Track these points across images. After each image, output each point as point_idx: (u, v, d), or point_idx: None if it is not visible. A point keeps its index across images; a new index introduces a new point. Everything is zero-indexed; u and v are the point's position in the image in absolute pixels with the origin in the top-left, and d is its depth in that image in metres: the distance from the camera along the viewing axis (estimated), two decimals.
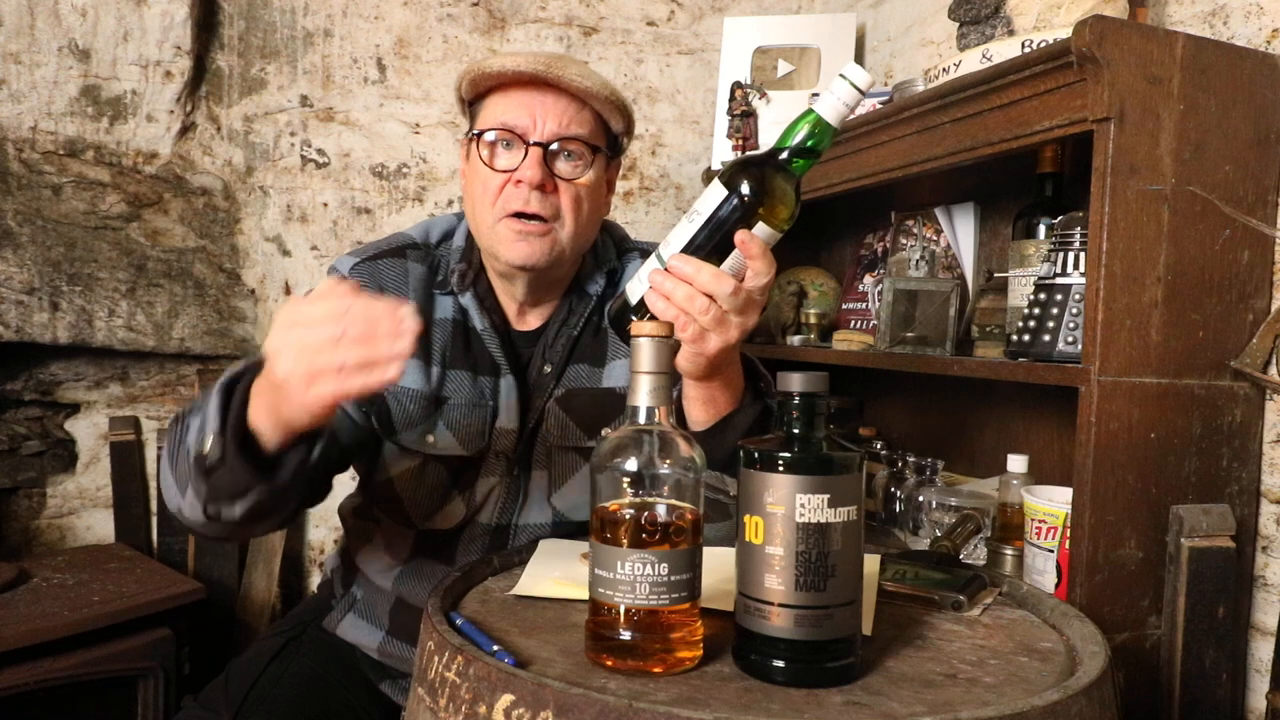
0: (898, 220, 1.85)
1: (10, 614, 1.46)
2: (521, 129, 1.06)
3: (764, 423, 1.02)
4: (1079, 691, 0.68)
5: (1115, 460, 1.11)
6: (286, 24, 2.10)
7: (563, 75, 1.04)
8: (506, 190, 1.06)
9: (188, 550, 2.02)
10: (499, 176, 1.06)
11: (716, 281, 0.84)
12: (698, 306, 0.84)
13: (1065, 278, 1.21)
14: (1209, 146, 1.14)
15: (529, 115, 1.06)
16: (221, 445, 0.84)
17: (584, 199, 1.09)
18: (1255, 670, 1.25)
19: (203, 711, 1.12)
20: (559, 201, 1.07)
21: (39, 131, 1.91)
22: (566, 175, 1.07)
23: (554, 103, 1.06)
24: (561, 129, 1.06)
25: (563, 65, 1.05)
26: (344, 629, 1.20)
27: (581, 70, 1.06)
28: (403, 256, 1.15)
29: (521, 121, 1.06)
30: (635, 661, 0.72)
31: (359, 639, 1.19)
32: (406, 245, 1.16)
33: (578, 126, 1.07)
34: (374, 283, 1.11)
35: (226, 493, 0.87)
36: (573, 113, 1.07)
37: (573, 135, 1.07)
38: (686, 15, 2.34)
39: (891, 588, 0.95)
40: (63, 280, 1.86)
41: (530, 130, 1.06)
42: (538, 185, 1.04)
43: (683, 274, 0.84)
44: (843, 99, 0.85)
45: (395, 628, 1.16)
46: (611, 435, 0.75)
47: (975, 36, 1.39)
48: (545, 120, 1.06)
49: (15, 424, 1.92)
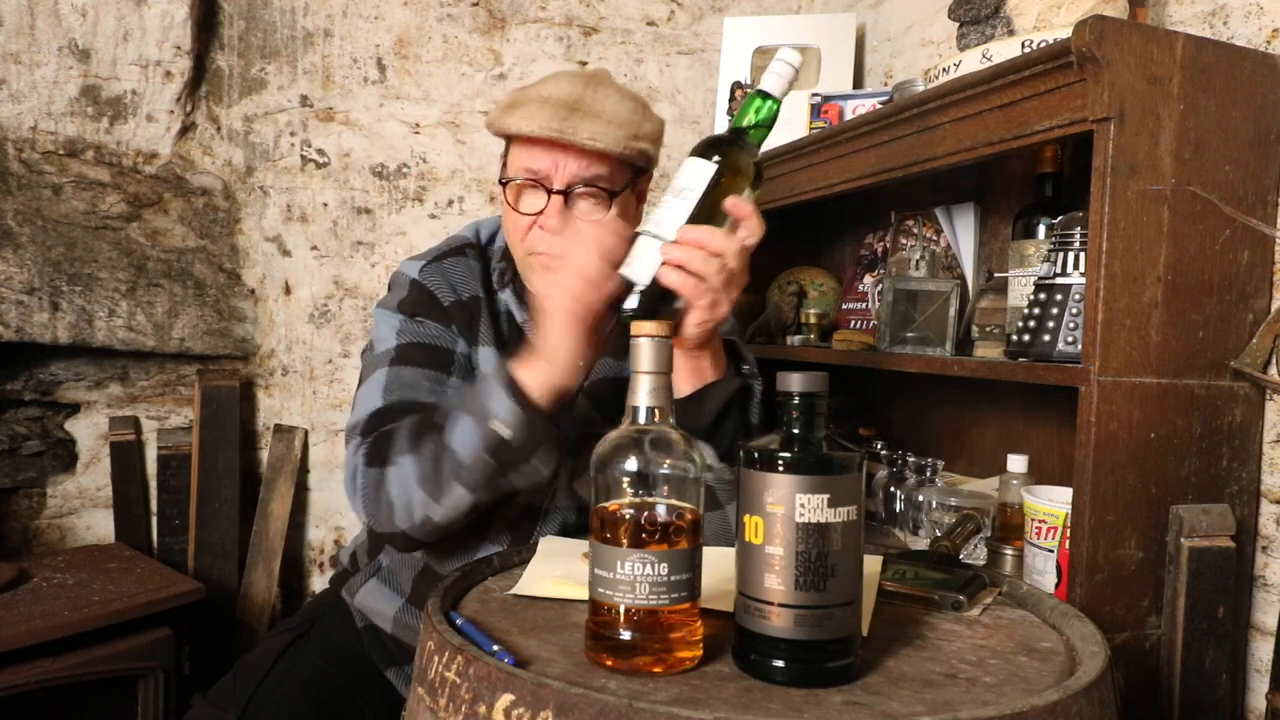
0: (898, 220, 1.85)
1: (10, 614, 1.46)
2: (543, 175, 1.11)
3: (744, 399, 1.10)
4: (1079, 691, 0.68)
5: (1115, 460, 1.11)
6: (286, 24, 2.10)
7: (575, 139, 1.07)
8: (534, 232, 1.13)
9: (188, 550, 2.02)
10: (526, 219, 1.13)
11: (727, 241, 0.94)
12: (713, 269, 0.93)
13: (1065, 278, 1.21)
14: (1209, 146, 1.14)
15: (550, 163, 1.10)
16: (521, 418, 0.96)
17: None
18: (1255, 670, 1.25)
19: (211, 709, 1.14)
20: None
21: (39, 131, 1.91)
22: (587, 217, 1.12)
23: (573, 153, 1.10)
24: (581, 172, 1.11)
25: (576, 123, 1.07)
26: (364, 595, 1.23)
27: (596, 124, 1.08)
28: (464, 255, 1.23)
29: (543, 168, 1.11)
30: (635, 661, 0.72)
31: (377, 606, 1.21)
32: (465, 245, 1.25)
33: (598, 169, 1.11)
34: (444, 281, 1.19)
35: (523, 457, 0.99)
36: (591, 159, 1.10)
37: (591, 179, 1.11)
38: (686, 15, 2.34)
39: (891, 588, 0.95)
40: (63, 280, 1.86)
41: (551, 177, 1.11)
42: (559, 231, 1.11)
43: (697, 240, 0.93)
44: (783, 75, 0.98)
45: (415, 596, 1.19)
46: (611, 435, 0.75)
47: (975, 36, 1.39)
48: (565, 166, 1.10)
49: (15, 424, 1.92)
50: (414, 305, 1.18)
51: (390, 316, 1.19)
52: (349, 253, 2.17)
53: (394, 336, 1.17)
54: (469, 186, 2.23)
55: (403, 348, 1.15)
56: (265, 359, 2.14)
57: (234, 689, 1.15)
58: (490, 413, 0.97)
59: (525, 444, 0.98)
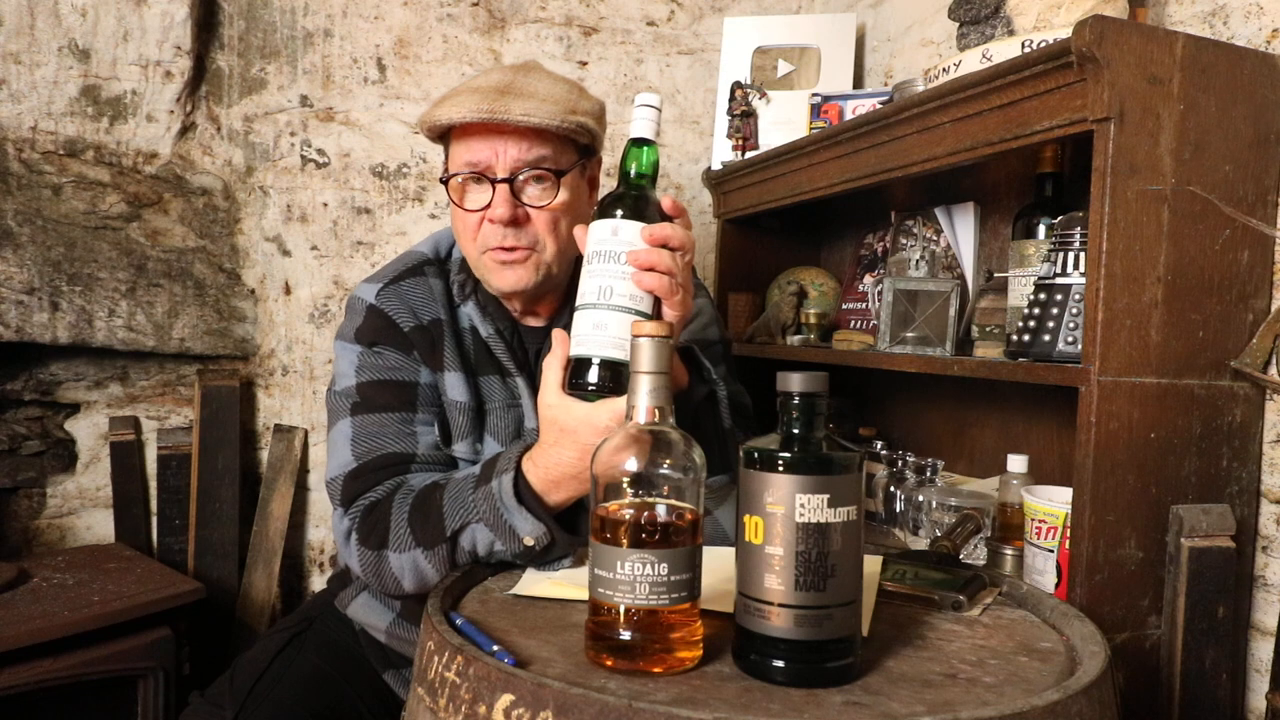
0: (898, 220, 1.85)
1: (10, 614, 1.46)
2: (484, 166, 1.08)
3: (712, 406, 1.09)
4: (1079, 691, 0.68)
5: (1115, 460, 1.11)
6: (286, 24, 2.10)
7: (509, 116, 1.03)
8: (484, 227, 1.10)
9: (188, 550, 2.02)
10: (474, 215, 1.09)
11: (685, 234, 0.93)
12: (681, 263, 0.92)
13: (1065, 278, 1.21)
14: (1209, 146, 1.14)
15: (490, 151, 1.07)
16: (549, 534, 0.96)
17: (560, 217, 1.11)
18: (1255, 670, 1.25)
19: (208, 706, 1.14)
20: (535, 229, 1.10)
21: (39, 131, 1.91)
22: (537, 202, 1.09)
23: (511, 136, 1.07)
24: (523, 155, 1.07)
25: (508, 102, 1.05)
26: (355, 608, 1.22)
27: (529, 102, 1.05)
28: (422, 274, 1.18)
29: (484, 158, 1.08)
30: (635, 661, 0.72)
31: (369, 620, 1.20)
32: (423, 263, 1.19)
33: (540, 149, 1.08)
34: (403, 305, 1.14)
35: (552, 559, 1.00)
36: (532, 139, 1.07)
37: (535, 161, 1.08)
38: (686, 15, 2.33)
39: (891, 588, 0.95)
40: (63, 280, 1.86)
41: (493, 166, 1.07)
42: (509, 221, 1.07)
43: (661, 236, 0.90)
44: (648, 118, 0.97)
45: (406, 611, 1.18)
46: (611, 435, 0.75)
47: (975, 36, 1.39)
48: (505, 152, 1.07)
49: (15, 424, 1.92)
50: (372, 333, 1.14)
51: (348, 349, 1.15)
52: (349, 253, 2.17)
53: (354, 373, 1.13)
54: None
55: (364, 387, 1.11)
56: (265, 359, 2.14)
57: (231, 687, 1.15)
58: (517, 531, 0.96)
59: (555, 551, 0.99)
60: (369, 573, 1.04)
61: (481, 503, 0.97)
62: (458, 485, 1.01)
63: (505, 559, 1.00)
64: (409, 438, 1.10)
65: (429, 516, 1.00)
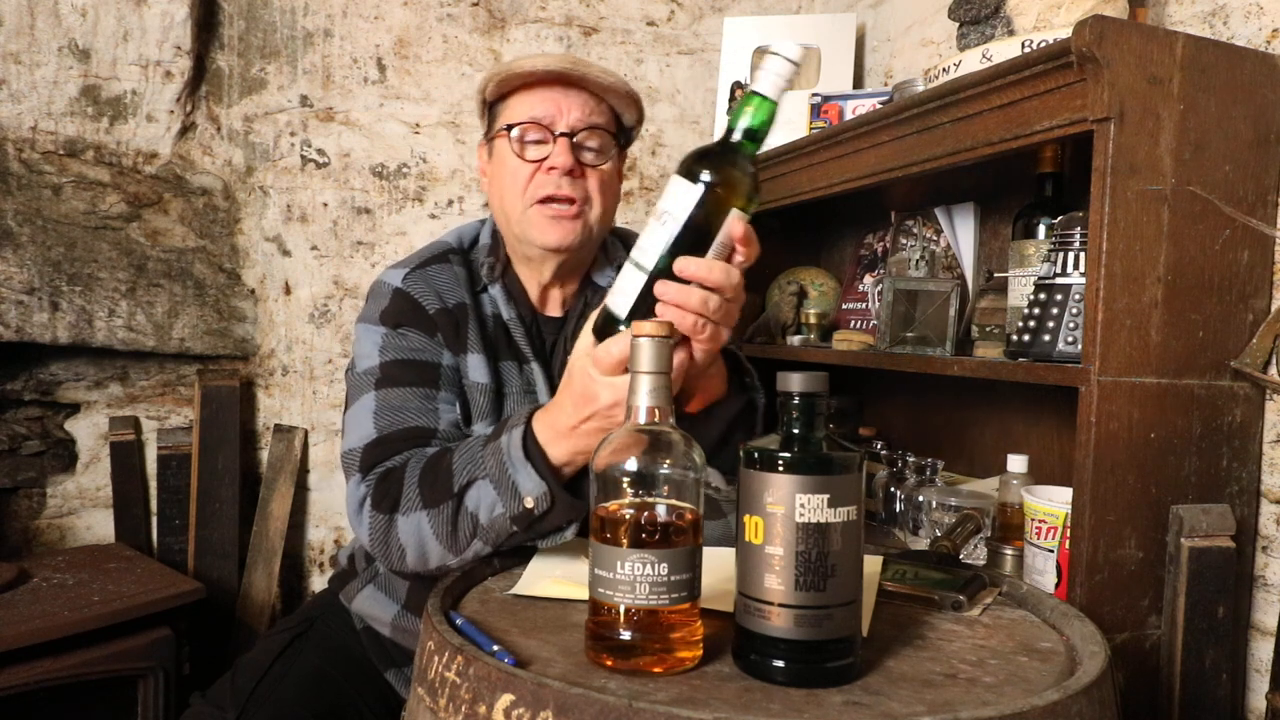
0: (898, 220, 1.85)
1: (10, 614, 1.46)
2: (549, 120, 1.13)
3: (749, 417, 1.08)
4: (1079, 691, 0.68)
5: (1115, 460, 1.11)
6: (286, 24, 2.10)
7: (586, 74, 1.13)
8: (537, 178, 1.14)
9: (188, 550, 2.02)
10: (529, 166, 1.14)
11: (726, 275, 0.85)
12: (712, 306, 0.85)
13: (1065, 278, 1.21)
14: (1209, 146, 1.14)
15: (555, 108, 1.13)
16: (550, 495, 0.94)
17: (608, 184, 1.18)
18: (1255, 670, 1.25)
19: (209, 707, 1.14)
20: (587, 185, 1.15)
21: (39, 131, 1.91)
22: (591, 162, 1.15)
23: (576, 97, 1.14)
24: (585, 119, 1.14)
25: (585, 65, 1.14)
26: (360, 601, 1.23)
27: (601, 69, 1.15)
28: (447, 261, 1.21)
29: (548, 112, 1.13)
30: (635, 661, 0.72)
31: (374, 612, 1.21)
32: (448, 250, 1.23)
33: (598, 117, 1.15)
34: (429, 288, 1.17)
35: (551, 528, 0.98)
36: (593, 105, 1.15)
37: (595, 125, 1.15)
38: (686, 15, 2.34)
39: (891, 588, 0.95)
40: (63, 280, 1.86)
41: (557, 121, 1.14)
42: (568, 170, 1.12)
43: (695, 275, 0.84)
44: (779, 72, 0.84)
45: (411, 602, 1.18)
46: (611, 435, 0.75)
47: (975, 36, 1.39)
48: (570, 112, 1.13)
49: (15, 424, 1.92)
50: (397, 315, 1.15)
51: (372, 330, 1.16)
52: (349, 253, 2.17)
53: (377, 353, 1.13)
54: (469, 186, 2.23)
55: (387, 365, 1.12)
56: (265, 359, 2.14)
57: (232, 688, 1.15)
58: (519, 488, 0.95)
59: (554, 518, 0.97)
60: (377, 541, 1.03)
61: (489, 458, 0.97)
62: (470, 444, 1.02)
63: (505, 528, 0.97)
64: (431, 413, 1.11)
65: (439, 476, 1.00)
